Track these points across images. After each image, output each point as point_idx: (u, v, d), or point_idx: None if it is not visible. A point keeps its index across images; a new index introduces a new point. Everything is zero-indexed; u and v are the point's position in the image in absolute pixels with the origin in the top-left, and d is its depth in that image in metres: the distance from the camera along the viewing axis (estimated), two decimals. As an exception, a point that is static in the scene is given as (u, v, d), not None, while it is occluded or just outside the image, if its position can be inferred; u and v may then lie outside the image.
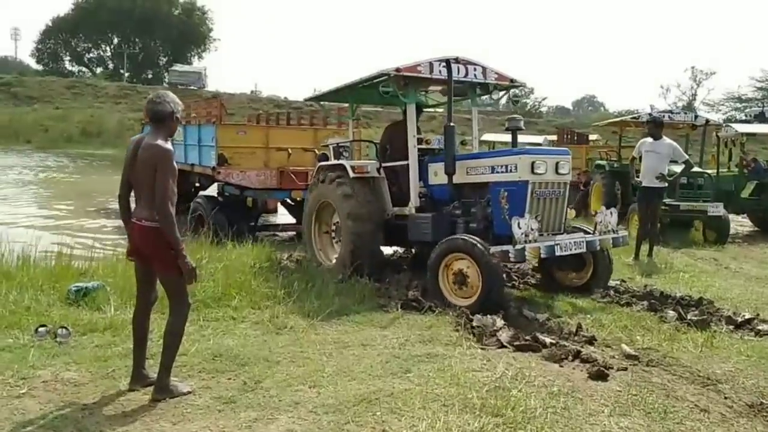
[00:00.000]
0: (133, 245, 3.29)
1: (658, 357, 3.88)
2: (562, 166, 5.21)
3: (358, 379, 3.43)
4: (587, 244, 5.15)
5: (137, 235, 3.21)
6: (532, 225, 4.79)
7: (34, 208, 12.67)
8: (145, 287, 3.36)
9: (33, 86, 44.03)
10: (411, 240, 5.82)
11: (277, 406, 3.06)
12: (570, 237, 5.17)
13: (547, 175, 5.09)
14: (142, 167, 3.16)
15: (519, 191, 5.05)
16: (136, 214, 3.22)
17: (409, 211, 5.81)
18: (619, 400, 3.21)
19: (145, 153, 3.14)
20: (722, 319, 4.76)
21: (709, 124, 11.65)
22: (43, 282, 5.11)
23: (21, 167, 22.35)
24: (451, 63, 5.51)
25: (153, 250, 3.17)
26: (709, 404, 3.26)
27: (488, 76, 5.88)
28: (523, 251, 4.70)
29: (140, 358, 3.34)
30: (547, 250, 4.83)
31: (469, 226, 5.36)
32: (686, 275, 6.75)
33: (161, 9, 57.29)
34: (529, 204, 5.02)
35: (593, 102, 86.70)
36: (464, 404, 3.08)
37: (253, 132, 9.50)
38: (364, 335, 4.28)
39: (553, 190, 5.19)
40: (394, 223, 5.94)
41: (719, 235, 9.79)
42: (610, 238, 5.37)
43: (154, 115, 3.23)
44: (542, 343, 3.98)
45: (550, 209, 5.22)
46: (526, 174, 5.01)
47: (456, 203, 5.58)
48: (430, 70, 5.50)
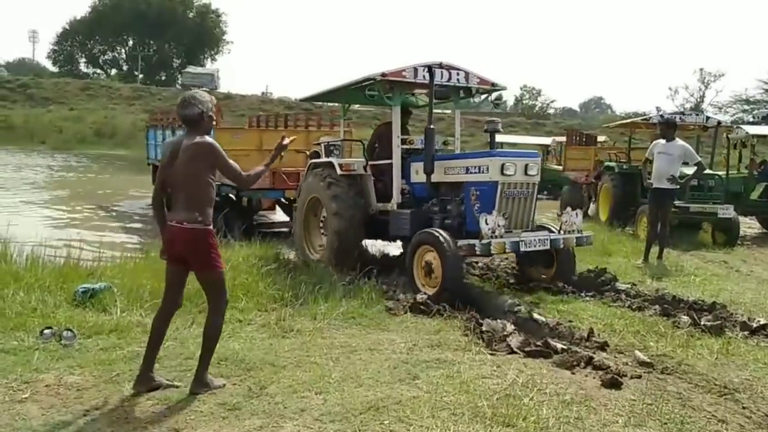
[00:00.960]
0: (169, 247, 3.29)
1: (672, 364, 3.78)
2: (531, 168, 5.52)
3: (366, 385, 3.36)
4: (551, 241, 5.46)
5: (177, 237, 3.21)
6: (498, 222, 5.12)
7: (46, 208, 12.72)
8: (175, 290, 3.37)
9: (48, 87, 44.54)
10: (391, 234, 6.13)
11: (283, 414, 3.00)
12: (535, 234, 5.49)
13: (516, 176, 5.41)
14: (185, 168, 3.18)
15: (489, 190, 5.39)
16: (174, 217, 3.23)
17: (391, 207, 6.11)
18: (634, 410, 3.12)
19: (188, 153, 3.17)
20: (736, 324, 4.65)
21: (720, 126, 11.47)
22: (50, 283, 5.08)
23: (33, 167, 22.51)
24: (434, 69, 5.80)
25: (193, 251, 3.21)
26: (726, 414, 3.16)
27: (471, 80, 6.18)
28: (488, 245, 5.00)
29: (151, 360, 3.33)
30: (512, 246, 5.19)
31: (445, 222, 5.66)
32: (697, 278, 6.63)
33: (176, 11, 57.80)
34: (499, 202, 5.35)
35: (600, 104, 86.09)
36: (474, 413, 3.00)
37: (248, 135, 10.06)
38: (371, 339, 4.21)
39: (522, 191, 5.52)
40: (378, 219, 6.25)
41: (729, 237, 9.66)
42: (574, 238, 5.64)
43: (185, 118, 3.27)
44: (553, 348, 3.89)
45: (518, 208, 5.54)
46: (496, 175, 5.33)
47: (434, 200, 5.90)
48: (415, 75, 5.79)
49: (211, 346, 3.30)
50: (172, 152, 3.24)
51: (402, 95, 6.27)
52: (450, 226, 5.55)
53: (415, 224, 5.68)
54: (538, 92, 60.83)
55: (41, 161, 25.57)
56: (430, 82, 5.76)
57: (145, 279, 5.16)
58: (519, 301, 5.01)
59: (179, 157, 3.20)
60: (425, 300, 4.92)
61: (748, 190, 11.72)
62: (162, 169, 3.33)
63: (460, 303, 4.85)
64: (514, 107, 63.62)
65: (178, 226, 3.20)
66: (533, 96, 60.62)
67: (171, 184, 3.27)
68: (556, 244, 5.50)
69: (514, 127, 43.96)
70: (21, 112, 39.01)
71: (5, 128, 36.83)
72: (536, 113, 54.52)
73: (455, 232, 5.34)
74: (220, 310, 3.34)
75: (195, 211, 3.19)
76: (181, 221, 3.19)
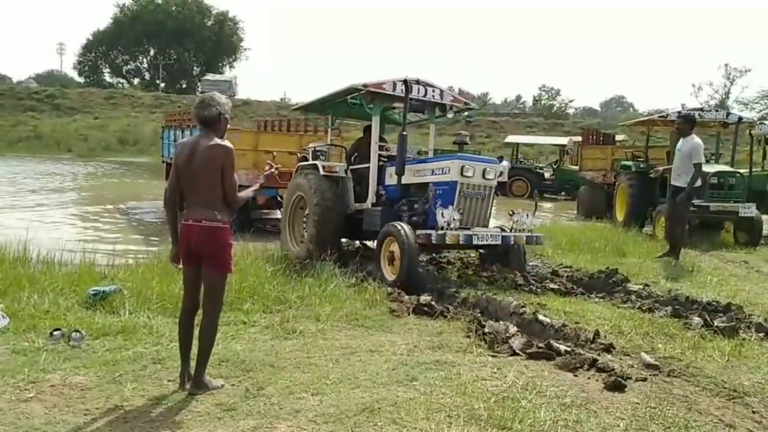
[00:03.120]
0: (187, 246, 3.31)
1: (680, 367, 3.69)
2: (489, 173, 6.13)
3: (362, 386, 3.35)
4: (502, 238, 5.98)
5: (195, 235, 3.25)
6: (454, 216, 5.69)
7: (66, 212, 12.98)
8: (194, 288, 3.39)
9: (74, 97, 45.57)
10: (365, 229, 6.74)
11: (277, 414, 3.01)
12: (487, 231, 6.08)
13: (474, 178, 6.01)
14: (202, 169, 3.22)
15: (450, 189, 5.98)
16: (191, 216, 3.26)
17: (366, 206, 6.73)
18: (637, 414, 3.05)
19: (206, 153, 3.22)
20: (752, 326, 4.53)
21: (742, 122, 11.19)
22: (63, 286, 5.19)
23: (58, 174, 23.01)
24: (411, 83, 6.41)
25: (212, 249, 3.26)
26: (734, 419, 3.07)
27: (445, 97, 6.83)
28: (443, 236, 5.56)
29: (188, 358, 3.38)
30: (465, 239, 5.71)
31: (412, 218, 6.23)
32: (714, 279, 6.47)
33: (194, 20, 58.64)
34: (457, 201, 5.93)
35: (622, 102, 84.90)
36: (470, 415, 2.97)
37: (245, 137, 10.76)
38: (372, 341, 4.20)
39: (479, 192, 6.11)
40: (355, 218, 6.87)
41: (751, 236, 9.43)
42: (524, 236, 6.16)
43: (203, 119, 3.30)
44: (556, 350, 3.83)
45: (475, 206, 6.11)
46: (456, 175, 5.93)
47: (404, 200, 6.48)
48: (393, 88, 6.40)
49: (207, 346, 3.31)
50: (189, 153, 3.27)
51: (382, 106, 6.85)
52: (416, 222, 6.12)
53: (384, 220, 6.23)
54: (556, 92, 60.39)
55: (66, 168, 26.14)
56: (406, 94, 6.35)
57: (154, 281, 5.23)
58: (525, 302, 4.95)
59: (197, 157, 3.23)
60: (428, 301, 4.91)
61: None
62: (176, 169, 3.34)
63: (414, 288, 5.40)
64: (532, 108, 63.13)
65: (197, 224, 3.24)
66: (551, 96, 60.14)
67: (188, 183, 3.29)
68: (506, 241, 6.03)
69: (532, 127, 43.63)
70: (48, 122, 40.02)
71: (34, 137, 37.88)
72: (554, 113, 54.01)
73: (419, 227, 5.92)
74: (216, 311, 3.37)
75: (214, 209, 3.25)
76: (199, 219, 3.23)
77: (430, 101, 6.73)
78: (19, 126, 39.35)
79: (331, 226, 6.70)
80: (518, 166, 22.32)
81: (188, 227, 3.27)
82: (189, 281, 3.40)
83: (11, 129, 38.84)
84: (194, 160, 3.23)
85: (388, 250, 5.88)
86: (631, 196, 11.24)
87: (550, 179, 21.80)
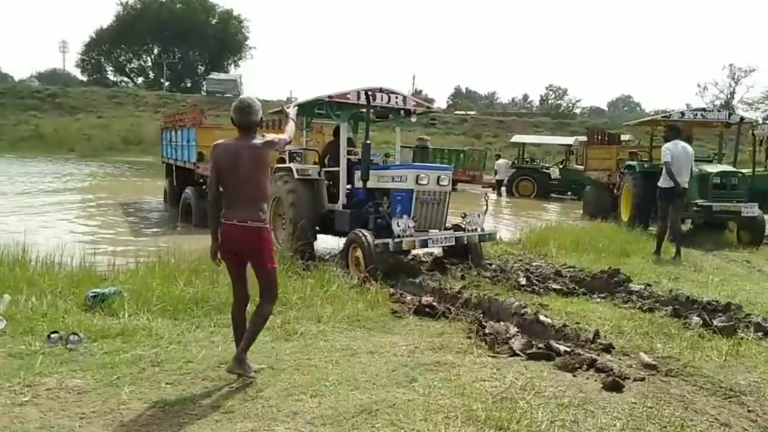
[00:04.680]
0: (231, 245, 3.43)
1: (678, 366, 3.68)
2: (443, 180, 6.56)
3: (362, 388, 3.35)
4: (456, 239, 6.48)
5: (239, 235, 3.38)
6: (409, 224, 6.16)
7: (66, 212, 12.96)
8: (242, 284, 3.58)
9: (77, 97, 45.61)
10: (336, 229, 7.16)
11: (275, 417, 3.01)
12: (442, 233, 6.56)
13: (429, 185, 6.44)
14: (249, 171, 3.36)
15: (407, 196, 6.42)
16: (234, 216, 3.37)
17: (338, 207, 7.11)
18: (634, 413, 3.05)
19: (252, 156, 3.37)
20: (751, 325, 4.51)
21: (744, 122, 11.13)
22: (62, 288, 5.18)
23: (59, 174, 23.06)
24: (375, 92, 6.79)
25: (259, 247, 3.41)
26: (730, 418, 3.06)
27: (408, 103, 7.21)
28: (400, 243, 6.02)
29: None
30: (420, 243, 6.23)
31: (377, 221, 6.58)
32: (716, 279, 6.46)
33: (199, 19, 58.57)
34: (414, 207, 6.37)
35: (629, 102, 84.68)
36: (468, 416, 2.96)
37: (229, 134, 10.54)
38: (373, 342, 4.19)
39: (434, 197, 6.55)
40: (329, 217, 7.24)
41: (754, 236, 9.39)
42: (476, 235, 6.67)
43: (249, 124, 3.46)
44: (556, 351, 3.82)
45: (431, 211, 6.54)
46: (412, 184, 6.37)
47: (370, 203, 6.82)
48: (358, 98, 6.73)
49: (257, 330, 3.50)
50: (234, 155, 3.38)
51: (348, 114, 7.28)
52: (380, 225, 6.51)
53: (353, 222, 6.69)
54: (564, 91, 60.25)
55: (68, 168, 26.18)
56: (368, 103, 6.73)
57: (155, 283, 5.22)
58: (526, 303, 4.94)
59: (244, 159, 3.35)
60: (430, 302, 4.90)
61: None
62: (220, 171, 3.42)
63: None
64: (539, 107, 63.01)
65: (242, 224, 3.35)
66: (559, 95, 60.02)
67: (233, 185, 3.39)
68: (460, 241, 6.54)
69: (539, 127, 43.57)
70: (51, 122, 40.08)
71: (36, 137, 37.94)
72: (561, 113, 53.90)
73: (384, 230, 6.32)
74: (272, 299, 3.57)
75: (258, 210, 3.39)
76: (244, 220, 3.35)
77: (394, 107, 7.13)
78: (21, 125, 39.43)
79: (304, 226, 6.99)
80: (524, 166, 22.21)
81: (232, 227, 3.37)
82: (236, 278, 3.56)
83: (13, 128, 38.89)
84: (241, 163, 3.35)
85: (354, 255, 6.31)
86: (635, 196, 11.19)
87: (557, 179, 21.72)
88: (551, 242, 8.15)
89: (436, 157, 23.63)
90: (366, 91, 6.73)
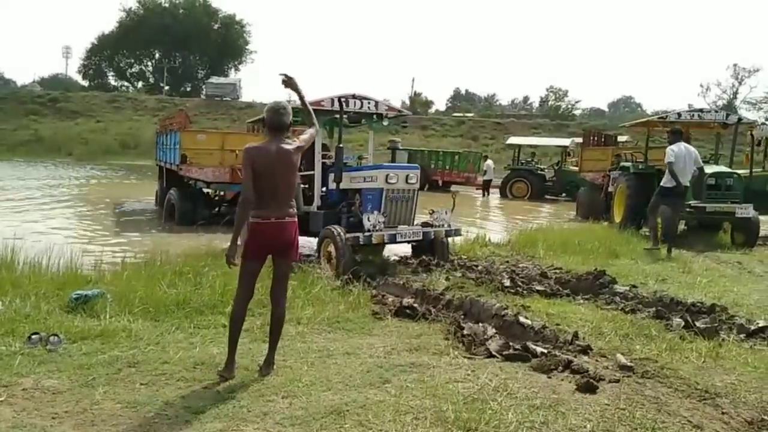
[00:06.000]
0: (267, 242, 3.56)
1: (655, 368, 3.67)
2: (411, 178, 6.88)
3: (334, 389, 3.34)
4: (423, 234, 6.79)
5: (282, 231, 3.56)
6: (379, 219, 6.40)
7: (56, 214, 12.96)
8: (254, 283, 3.69)
9: (77, 101, 45.78)
10: (311, 230, 7.29)
11: (245, 417, 3.01)
12: (410, 228, 6.80)
13: (398, 184, 6.76)
14: (285, 171, 3.53)
15: (377, 195, 6.72)
16: (273, 214, 3.53)
17: (313, 209, 7.36)
18: (605, 415, 3.04)
19: (287, 157, 3.54)
20: (734, 327, 4.49)
21: (741, 123, 11.12)
22: (47, 290, 5.19)
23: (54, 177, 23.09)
24: (348, 99, 7.15)
25: (293, 240, 3.62)
26: (703, 420, 3.05)
27: (380, 108, 7.57)
28: (370, 237, 6.28)
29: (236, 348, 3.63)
30: (389, 237, 6.48)
31: (349, 220, 6.87)
32: (704, 280, 6.43)
33: (201, 23, 58.73)
34: (384, 204, 6.67)
35: (630, 103, 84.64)
36: (437, 417, 2.96)
37: (212, 137, 11.59)
38: (351, 343, 4.19)
39: (403, 195, 6.87)
40: (305, 219, 7.22)
41: (748, 237, 9.37)
42: (443, 231, 6.95)
43: (282, 125, 3.59)
44: (532, 352, 3.81)
45: (400, 208, 6.85)
46: (382, 183, 6.67)
47: (343, 203, 7.16)
48: (332, 104, 7.06)
49: (281, 329, 3.70)
50: (271, 157, 3.49)
51: (323, 120, 7.55)
52: (353, 223, 6.78)
53: (327, 222, 6.93)
54: (564, 93, 60.21)
55: (61, 172, 26.19)
56: (340, 109, 7.06)
57: (139, 285, 5.23)
58: (507, 304, 4.93)
59: (281, 160, 3.51)
60: (410, 304, 4.90)
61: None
62: (255, 172, 3.48)
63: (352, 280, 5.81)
64: (539, 109, 63.01)
65: (280, 221, 3.54)
66: (559, 97, 59.97)
67: (271, 185, 3.49)
68: (427, 236, 6.84)
69: (537, 129, 43.58)
70: (50, 126, 40.25)
71: (35, 141, 38.10)
72: (561, 114, 53.87)
73: (356, 227, 6.55)
74: (286, 290, 3.78)
75: (292, 207, 3.61)
76: (283, 216, 3.55)
77: (366, 112, 7.48)
78: (21, 130, 39.61)
79: None
80: (519, 167, 22.17)
81: (271, 225, 3.53)
82: (254, 275, 3.66)
83: (13, 133, 39.08)
84: (278, 164, 3.50)
85: (326, 251, 6.54)
86: (629, 197, 11.17)
87: (552, 180, 21.69)
88: (540, 244, 8.14)
89: (431, 159, 23.69)
90: (339, 97, 7.08)
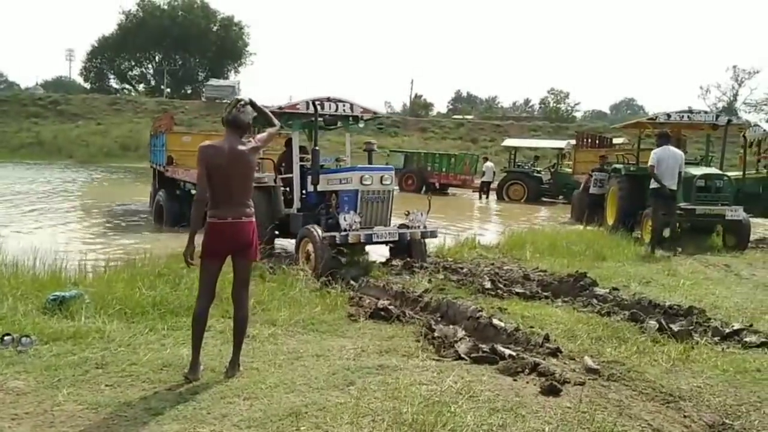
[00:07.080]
0: (224, 242, 3.52)
1: (622, 371, 3.66)
2: (386, 180, 6.98)
3: (297, 391, 3.34)
4: (399, 235, 6.86)
5: (238, 231, 3.51)
6: (355, 219, 6.54)
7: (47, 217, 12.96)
8: (215, 284, 3.65)
9: (77, 104, 45.85)
10: (291, 231, 7.50)
11: (203, 419, 3.01)
12: (386, 229, 6.89)
13: (373, 185, 6.86)
14: (242, 169, 3.48)
15: (353, 196, 6.83)
16: (229, 214, 3.48)
17: (293, 211, 7.57)
18: (566, 418, 3.03)
19: (246, 156, 3.50)
20: (708, 329, 4.47)
21: (731, 124, 11.06)
22: (26, 291, 5.19)
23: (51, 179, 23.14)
24: (323, 102, 7.26)
25: (251, 240, 3.57)
26: (664, 423, 3.04)
27: (355, 110, 7.66)
28: (346, 236, 6.40)
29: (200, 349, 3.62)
30: (365, 237, 6.57)
31: (328, 221, 6.97)
32: (687, 282, 6.41)
33: (200, 25, 58.83)
34: (360, 205, 6.77)
35: (632, 105, 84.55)
36: (395, 419, 2.95)
37: (197, 139, 11.45)
38: (322, 345, 4.19)
39: (378, 196, 6.95)
40: (286, 221, 7.65)
41: (739, 239, 9.32)
42: (419, 232, 7.02)
43: (240, 123, 3.55)
44: (500, 354, 3.80)
45: (375, 209, 6.93)
46: (357, 184, 6.79)
47: (322, 205, 7.28)
48: (307, 107, 7.15)
49: (245, 330, 3.70)
50: (226, 155, 3.44)
51: (300, 123, 7.67)
52: (330, 224, 6.88)
53: (306, 224, 7.02)
54: (565, 95, 60.14)
55: (62, 174, 26.23)
56: (315, 112, 7.13)
57: (119, 286, 5.23)
58: (482, 306, 4.92)
59: (237, 159, 3.45)
60: (385, 305, 4.90)
61: (766, 191, 11.31)
62: (209, 171, 3.44)
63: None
64: (540, 111, 62.96)
65: (237, 221, 3.48)
66: (559, 99, 59.91)
67: (224, 184, 3.45)
68: (403, 237, 6.91)
69: (537, 131, 43.52)
70: (51, 128, 40.33)
71: (36, 144, 38.20)
72: (560, 116, 53.81)
73: (334, 228, 6.66)
74: (248, 291, 3.75)
75: (249, 207, 3.55)
76: (239, 216, 3.49)
77: (342, 114, 7.58)
78: (22, 132, 39.69)
79: (263, 231, 7.15)
80: (515, 170, 22.12)
81: (227, 225, 3.48)
82: (214, 275, 3.62)
83: (14, 135, 39.18)
84: (234, 162, 3.44)
85: (305, 250, 6.69)
86: (621, 198, 11.13)
87: (548, 183, 21.64)
88: (527, 246, 8.13)
89: (428, 161, 23.69)
90: (314, 101, 7.18)
